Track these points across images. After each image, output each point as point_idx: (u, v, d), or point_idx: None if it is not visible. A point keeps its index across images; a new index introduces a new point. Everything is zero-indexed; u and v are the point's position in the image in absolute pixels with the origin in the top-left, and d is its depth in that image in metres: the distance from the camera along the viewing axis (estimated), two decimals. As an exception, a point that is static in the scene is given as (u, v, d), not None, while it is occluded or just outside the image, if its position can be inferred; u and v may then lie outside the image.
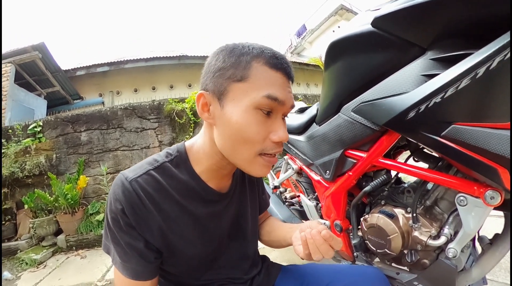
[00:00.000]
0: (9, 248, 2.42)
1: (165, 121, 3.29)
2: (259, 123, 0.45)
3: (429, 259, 0.65)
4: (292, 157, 1.23)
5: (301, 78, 9.68)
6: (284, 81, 0.47)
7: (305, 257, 0.48)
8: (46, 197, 2.44)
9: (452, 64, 0.46)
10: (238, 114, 0.44)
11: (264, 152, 0.47)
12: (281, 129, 0.47)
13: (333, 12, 12.61)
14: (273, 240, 0.70)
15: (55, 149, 2.98)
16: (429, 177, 0.59)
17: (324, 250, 0.46)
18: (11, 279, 1.97)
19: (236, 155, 0.48)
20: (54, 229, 2.55)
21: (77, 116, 3.14)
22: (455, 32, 0.47)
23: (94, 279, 1.81)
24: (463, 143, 0.46)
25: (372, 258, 0.83)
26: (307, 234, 0.47)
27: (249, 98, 0.44)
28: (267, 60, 0.45)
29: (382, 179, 0.72)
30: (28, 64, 5.19)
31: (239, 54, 0.46)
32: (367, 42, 0.60)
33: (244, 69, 0.45)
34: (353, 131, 0.69)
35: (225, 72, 0.45)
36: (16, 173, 2.66)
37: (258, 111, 0.45)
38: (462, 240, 0.57)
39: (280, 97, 0.45)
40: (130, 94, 7.27)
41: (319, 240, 0.46)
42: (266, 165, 0.49)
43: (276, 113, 0.47)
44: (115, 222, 0.47)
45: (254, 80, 0.44)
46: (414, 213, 0.64)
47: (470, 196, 0.53)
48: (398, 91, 0.54)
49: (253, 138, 0.45)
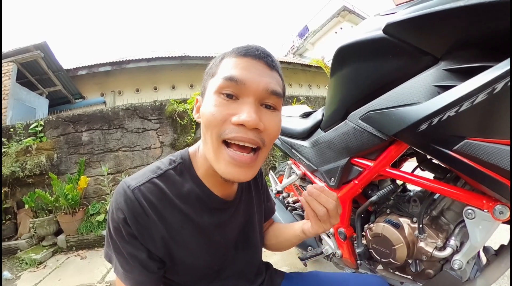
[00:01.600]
0: (9, 248, 2.41)
1: (166, 122, 3.29)
2: (218, 105, 0.43)
3: (433, 270, 0.65)
4: (295, 162, 1.23)
5: (303, 80, 9.67)
6: (250, 64, 0.45)
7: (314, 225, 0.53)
8: (46, 197, 2.44)
9: (466, 76, 0.45)
10: (205, 102, 0.46)
11: (224, 136, 0.43)
12: (245, 111, 0.42)
13: (335, 13, 12.60)
14: (282, 241, 0.69)
15: (56, 148, 2.97)
16: (437, 188, 0.59)
17: (324, 200, 0.50)
18: (11, 279, 1.96)
19: (206, 148, 0.47)
20: (55, 229, 2.54)
21: (78, 116, 3.13)
22: (471, 43, 0.46)
23: (94, 280, 1.80)
24: (475, 158, 0.45)
25: (375, 266, 0.82)
26: (303, 195, 0.51)
27: (213, 85, 0.46)
28: (236, 52, 0.46)
29: (389, 189, 0.71)
30: (30, 63, 5.17)
31: (220, 55, 0.49)
32: (377, 49, 0.59)
33: (216, 66, 0.48)
34: (360, 139, 0.68)
35: (206, 74, 0.50)
36: (17, 172, 2.66)
37: (219, 94, 0.44)
38: (468, 252, 0.57)
39: (239, 77, 0.43)
40: (132, 94, 7.26)
41: (316, 193, 0.50)
42: (230, 161, 0.43)
43: (243, 97, 0.44)
44: (117, 232, 0.46)
45: (220, 71, 0.46)
46: (420, 223, 0.64)
47: (478, 209, 0.52)
48: (409, 101, 0.53)
49: (210, 121, 0.43)
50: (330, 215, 0.50)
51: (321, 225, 0.52)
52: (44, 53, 5.18)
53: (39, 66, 5.32)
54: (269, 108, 0.46)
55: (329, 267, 1.30)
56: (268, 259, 0.75)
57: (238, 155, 0.43)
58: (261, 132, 0.44)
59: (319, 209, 0.50)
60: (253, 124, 0.41)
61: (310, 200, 0.51)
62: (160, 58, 7.14)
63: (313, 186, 0.51)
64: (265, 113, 0.45)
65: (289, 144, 1.09)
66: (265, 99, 0.45)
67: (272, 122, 0.46)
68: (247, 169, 0.45)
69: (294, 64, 9.23)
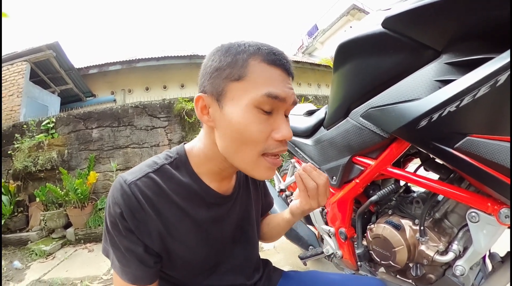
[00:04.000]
0: (21, 239, 2.51)
1: (175, 119, 3.32)
2: (261, 121, 0.43)
3: (435, 275, 0.62)
4: (299, 160, 1.22)
5: (312, 79, 9.58)
6: (283, 77, 0.45)
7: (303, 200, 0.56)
8: (57, 191, 2.52)
9: (468, 69, 0.43)
10: (239, 114, 0.43)
11: (267, 151, 0.45)
12: (284, 126, 0.45)
13: (345, 12, 12.41)
14: (272, 227, 0.71)
15: (67, 145, 3.06)
16: (439, 189, 0.56)
17: (315, 176, 0.53)
18: (20, 268, 2.04)
19: (239, 157, 0.46)
20: (64, 222, 2.62)
21: (88, 113, 3.21)
22: (473, 34, 0.44)
23: (100, 272, 1.85)
24: (478, 156, 0.42)
25: (376, 268, 0.80)
26: (298, 170, 0.55)
27: (248, 97, 0.42)
28: (265, 57, 0.44)
29: (390, 189, 0.69)
30: (43, 63, 5.33)
31: (235, 53, 0.44)
32: (377, 44, 0.57)
33: (241, 67, 0.43)
34: (361, 137, 0.67)
35: (222, 72, 0.44)
36: (29, 167, 2.76)
37: (259, 109, 0.43)
38: (471, 258, 0.54)
39: (281, 95, 0.43)
40: (142, 92, 7.37)
41: (309, 169, 0.54)
42: (270, 167, 0.46)
43: (277, 111, 0.45)
44: (114, 226, 0.46)
45: (252, 78, 0.43)
46: (422, 225, 0.62)
47: (482, 212, 0.50)
48: (410, 97, 0.51)
49: (255, 138, 0.43)
50: (319, 193, 0.54)
51: (308, 201, 0.55)
52: (56, 52, 5.32)
53: (52, 65, 5.48)
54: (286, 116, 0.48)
55: (332, 267, 1.28)
56: (270, 258, 0.74)
57: (276, 161, 0.47)
58: None
59: (310, 183, 0.53)
60: (291, 137, 0.46)
61: (302, 174, 0.54)
62: (170, 57, 7.21)
63: (308, 164, 0.55)
64: (286, 121, 0.48)
65: (292, 142, 1.07)
66: (288, 110, 0.48)
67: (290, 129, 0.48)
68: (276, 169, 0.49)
69: (303, 63, 9.15)
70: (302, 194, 0.55)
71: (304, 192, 0.55)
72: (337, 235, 0.88)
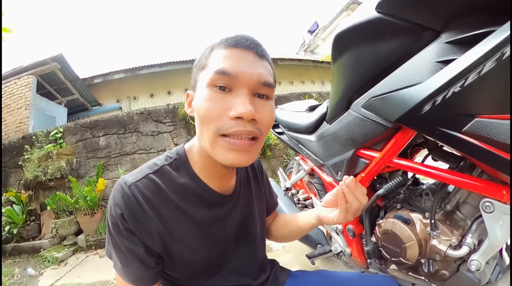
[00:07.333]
0: (34, 247, 2.56)
1: (180, 124, 3.35)
2: (215, 99, 0.43)
3: (448, 271, 0.59)
4: (303, 157, 1.19)
5: (316, 76, 9.53)
6: (242, 55, 0.44)
7: (341, 215, 0.53)
8: (67, 199, 2.57)
9: (472, 46, 0.39)
10: (198, 97, 0.46)
11: (225, 131, 0.42)
12: (240, 104, 0.42)
13: (344, 7, 12.25)
14: (292, 230, 0.69)
15: (75, 153, 3.12)
16: (450, 179, 0.53)
17: (360, 195, 0.51)
18: (34, 275, 2.08)
19: (202, 140, 0.46)
20: (75, 229, 2.67)
21: (95, 122, 3.27)
22: (472, 8, 0.41)
23: (110, 277, 1.87)
24: (488, 139, 0.39)
25: (387, 266, 0.77)
26: (341, 186, 0.52)
27: (205, 79, 0.44)
28: (225, 43, 0.45)
29: (397, 182, 0.66)
30: (49, 75, 5.50)
31: (206, 47, 0.48)
32: (373, 30, 0.54)
33: (206, 58, 0.46)
34: (364, 129, 0.64)
35: (196, 67, 0.49)
36: (39, 176, 2.82)
37: (213, 87, 0.43)
38: (487, 252, 0.51)
39: (228, 70, 0.42)
40: (147, 99, 7.46)
41: (354, 186, 0.51)
42: (229, 148, 0.43)
43: (236, 89, 0.43)
44: (115, 227, 0.47)
45: (211, 63, 0.45)
46: (432, 218, 0.58)
47: (497, 201, 0.46)
48: (411, 82, 0.48)
49: (208, 115, 0.43)
50: (359, 208, 0.53)
51: (346, 216, 0.54)
52: (61, 64, 5.47)
53: (57, 77, 5.63)
54: (262, 97, 0.46)
55: (342, 266, 1.25)
56: (279, 258, 0.73)
57: (236, 142, 0.43)
58: (257, 122, 0.44)
59: (354, 202, 0.52)
60: (250, 115, 0.41)
61: (347, 192, 0.52)
62: (172, 63, 7.29)
63: (351, 178, 0.52)
64: (258, 102, 0.45)
65: (296, 139, 1.05)
66: (258, 90, 0.45)
67: (266, 111, 0.46)
68: (246, 154, 0.45)
69: (305, 61, 9.11)
70: (342, 210, 0.53)
71: (344, 208, 0.53)
72: (345, 232, 0.85)
